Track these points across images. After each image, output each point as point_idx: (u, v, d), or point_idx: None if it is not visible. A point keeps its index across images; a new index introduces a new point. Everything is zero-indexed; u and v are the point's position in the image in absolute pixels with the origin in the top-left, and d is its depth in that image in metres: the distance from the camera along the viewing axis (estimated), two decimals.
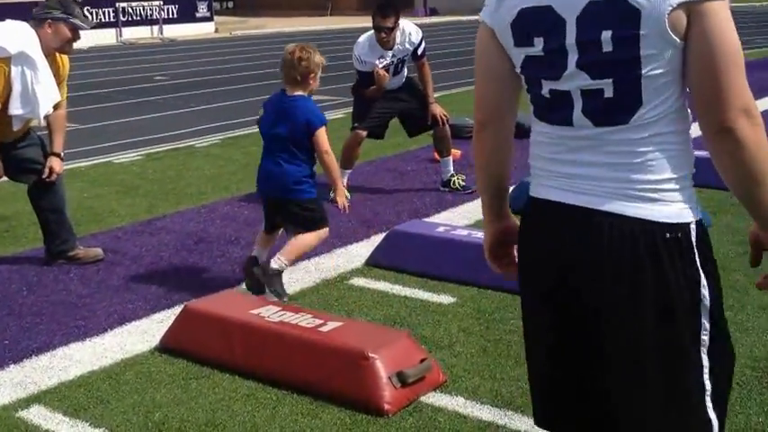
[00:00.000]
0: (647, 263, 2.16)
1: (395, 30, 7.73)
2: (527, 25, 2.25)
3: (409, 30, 7.94)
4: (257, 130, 5.80)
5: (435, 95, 8.34)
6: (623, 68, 2.13)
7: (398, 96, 8.13)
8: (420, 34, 8.01)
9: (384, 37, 7.68)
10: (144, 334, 5.00)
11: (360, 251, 6.45)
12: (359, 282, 5.85)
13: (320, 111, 5.62)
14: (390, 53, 7.82)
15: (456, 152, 9.46)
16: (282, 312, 4.63)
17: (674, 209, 2.19)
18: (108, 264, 6.24)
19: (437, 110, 8.16)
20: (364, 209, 7.69)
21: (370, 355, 4.13)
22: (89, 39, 24.59)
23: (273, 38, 27.82)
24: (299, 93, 5.53)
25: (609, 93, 2.16)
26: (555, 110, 2.27)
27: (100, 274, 6.05)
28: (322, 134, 5.48)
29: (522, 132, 2.87)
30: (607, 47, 2.12)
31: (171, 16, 29.47)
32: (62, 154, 6.07)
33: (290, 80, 5.53)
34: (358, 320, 4.93)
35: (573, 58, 2.18)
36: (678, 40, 2.08)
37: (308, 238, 5.56)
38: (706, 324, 2.19)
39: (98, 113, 13.25)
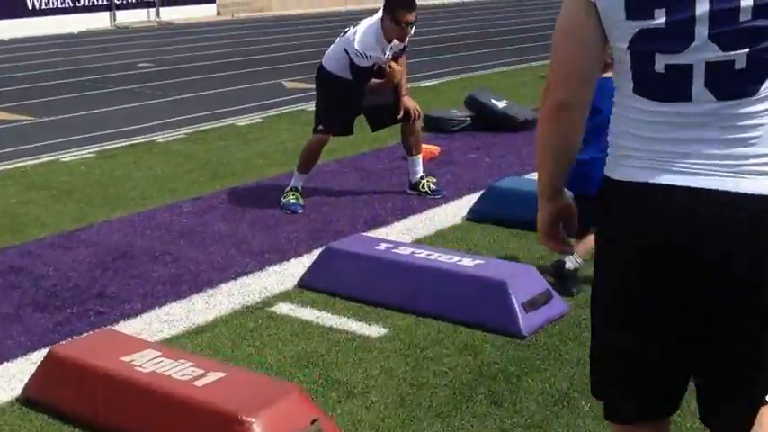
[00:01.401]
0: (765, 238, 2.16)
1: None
2: None
3: None
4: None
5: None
6: (759, 38, 2.10)
7: (371, 88, 7.22)
8: (414, 28, 7.17)
9: (408, 32, 6.92)
10: (11, 379, 4.30)
11: (296, 269, 5.75)
12: (283, 309, 5.16)
13: None
14: (390, 46, 7.00)
15: (434, 149, 8.77)
16: (160, 359, 3.93)
17: None
18: (4, 286, 5.52)
19: (410, 103, 7.33)
20: (315, 216, 6.98)
21: (244, 419, 3.45)
22: (81, 23, 23.93)
23: (278, 21, 27.05)
24: None
25: (741, 64, 2.12)
26: (668, 86, 2.20)
27: None
28: None
29: (514, 125, 2.43)
30: (745, 16, 2.09)
31: None
32: None
33: None
34: (244, 370, 4.16)
35: (703, 29, 2.12)
36: None
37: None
38: None
39: (64, 105, 12.46)
